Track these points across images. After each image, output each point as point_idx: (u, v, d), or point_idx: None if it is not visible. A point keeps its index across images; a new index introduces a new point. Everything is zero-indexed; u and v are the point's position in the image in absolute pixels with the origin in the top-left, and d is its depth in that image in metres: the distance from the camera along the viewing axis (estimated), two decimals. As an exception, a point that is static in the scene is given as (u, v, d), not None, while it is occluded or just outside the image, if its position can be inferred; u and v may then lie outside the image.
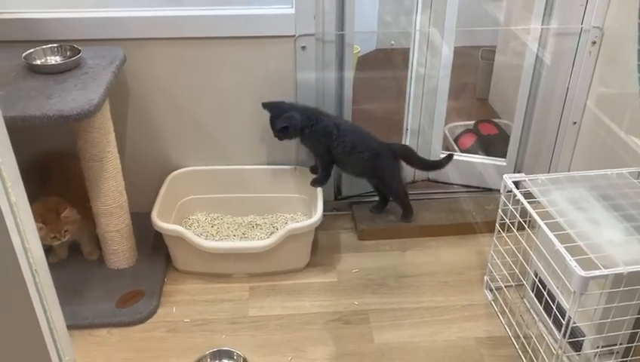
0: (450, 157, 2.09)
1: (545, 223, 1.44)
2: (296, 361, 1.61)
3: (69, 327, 0.96)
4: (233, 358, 1.59)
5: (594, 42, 1.92)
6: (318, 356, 1.63)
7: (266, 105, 1.91)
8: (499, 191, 1.60)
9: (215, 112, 2.00)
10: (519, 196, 1.56)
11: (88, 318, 1.70)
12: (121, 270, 1.88)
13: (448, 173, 2.30)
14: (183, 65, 1.90)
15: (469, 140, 2.48)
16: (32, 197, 0.84)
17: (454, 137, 2.52)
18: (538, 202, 1.55)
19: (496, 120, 2.63)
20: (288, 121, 1.87)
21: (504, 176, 1.63)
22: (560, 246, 1.35)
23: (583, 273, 1.27)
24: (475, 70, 2.91)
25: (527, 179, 1.61)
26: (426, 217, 2.11)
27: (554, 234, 1.39)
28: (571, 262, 1.31)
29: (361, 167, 1.99)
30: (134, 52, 1.82)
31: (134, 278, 1.85)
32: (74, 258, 1.92)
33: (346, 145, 1.93)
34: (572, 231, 1.42)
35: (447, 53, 2.08)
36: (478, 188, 2.30)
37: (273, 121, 1.91)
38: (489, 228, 2.04)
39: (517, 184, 1.60)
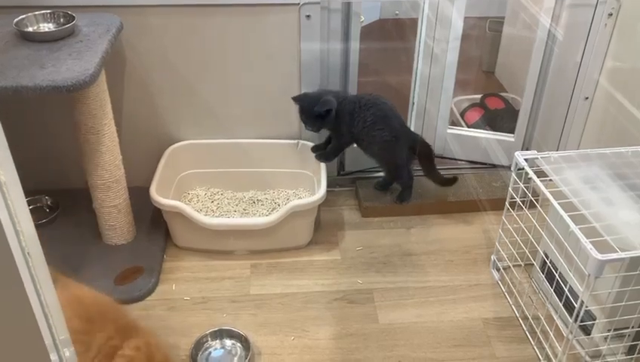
0: (454, 180, 2.02)
1: (558, 203, 1.39)
2: (299, 341, 1.57)
3: (66, 310, 0.92)
4: (235, 337, 1.56)
5: (610, 14, 1.85)
6: (322, 336, 1.59)
7: (296, 99, 1.86)
8: (505, 167, 1.55)
9: (215, 83, 1.93)
10: (532, 175, 1.50)
11: (85, 295, 1.66)
12: (119, 246, 1.83)
13: (453, 149, 2.24)
14: (182, 33, 1.82)
15: (476, 115, 2.42)
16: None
17: (460, 112, 2.46)
18: (550, 180, 1.50)
19: (503, 94, 2.56)
20: (330, 105, 1.82)
21: (516, 153, 1.57)
22: (575, 228, 1.30)
23: (599, 256, 1.23)
24: (481, 42, 2.83)
25: (539, 156, 1.55)
26: (431, 194, 2.05)
27: (568, 215, 1.34)
28: (587, 244, 1.26)
29: (378, 146, 1.91)
30: (131, 20, 1.75)
31: (133, 255, 1.80)
32: (71, 234, 1.87)
33: (366, 120, 1.86)
34: (587, 212, 1.37)
35: (457, 24, 2.00)
36: (485, 164, 2.24)
37: (306, 111, 1.85)
38: (495, 205, 1.99)
39: (528, 161, 1.54)
